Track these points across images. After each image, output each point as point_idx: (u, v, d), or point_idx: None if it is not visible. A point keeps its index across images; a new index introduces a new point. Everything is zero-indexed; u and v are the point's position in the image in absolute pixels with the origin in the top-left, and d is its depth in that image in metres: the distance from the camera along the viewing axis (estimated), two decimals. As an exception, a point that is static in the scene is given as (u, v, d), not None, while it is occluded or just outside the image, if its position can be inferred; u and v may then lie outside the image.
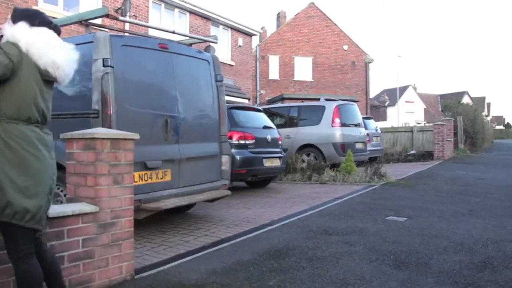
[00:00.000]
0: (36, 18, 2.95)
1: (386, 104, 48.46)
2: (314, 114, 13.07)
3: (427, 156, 18.88)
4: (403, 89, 58.15)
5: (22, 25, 2.86)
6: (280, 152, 9.87)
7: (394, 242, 5.15)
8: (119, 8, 6.22)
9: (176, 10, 17.91)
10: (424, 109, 61.66)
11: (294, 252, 4.74)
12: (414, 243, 5.08)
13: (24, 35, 2.83)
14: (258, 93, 29.46)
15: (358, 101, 22.13)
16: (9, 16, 2.95)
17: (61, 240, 3.43)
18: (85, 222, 3.58)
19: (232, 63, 21.01)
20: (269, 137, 9.59)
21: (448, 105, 28.11)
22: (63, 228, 3.44)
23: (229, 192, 6.55)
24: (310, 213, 6.94)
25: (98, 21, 7.15)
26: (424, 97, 64.47)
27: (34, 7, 11.98)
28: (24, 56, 2.80)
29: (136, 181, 5.00)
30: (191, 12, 18.46)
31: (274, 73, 31.31)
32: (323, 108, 13.07)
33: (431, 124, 24.46)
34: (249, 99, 21.08)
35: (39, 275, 2.87)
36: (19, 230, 2.76)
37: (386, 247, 4.93)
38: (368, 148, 14.48)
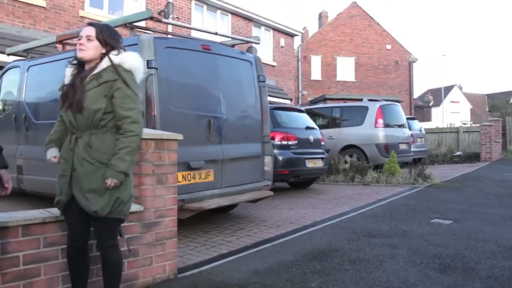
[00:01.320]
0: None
1: (430, 104, 47.49)
2: (357, 115, 12.92)
3: (473, 157, 18.41)
4: (448, 89, 56.77)
5: (135, 54, 3.09)
6: (322, 153, 9.80)
7: (439, 245, 5.03)
8: (162, 11, 6.29)
9: (218, 11, 18.04)
10: (470, 109, 60.01)
11: (336, 254, 4.70)
12: (460, 247, 4.96)
13: (138, 63, 3.07)
14: (300, 94, 29.36)
15: (401, 102, 21.70)
16: (92, 33, 3.00)
17: (107, 238, 3.49)
18: (130, 221, 3.64)
19: (274, 63, 21.01)
20: (311, 138, 9.55)
21: (496, 105, 27.44)
22: (109, 226, 3.51)
23: (271, 193, 6.54)
24: (353, 214, 6.87)
25: (142, 23, 7.28)
26: (470, 97, 62.75)
27: (81, 11, 12.34)
28: None
29: (180, 181, 5.06)
30: (233, 13, 18.56)
31: (316, 74, 31.15)
32: (366, 108, 12.91)
33: (478, 125, 23.78)
34: (291, 100, 21.02)
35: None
36: (120, 222, 3.12)
37: (431, 250, 4.83)
38: (412, 149, 14.22)
